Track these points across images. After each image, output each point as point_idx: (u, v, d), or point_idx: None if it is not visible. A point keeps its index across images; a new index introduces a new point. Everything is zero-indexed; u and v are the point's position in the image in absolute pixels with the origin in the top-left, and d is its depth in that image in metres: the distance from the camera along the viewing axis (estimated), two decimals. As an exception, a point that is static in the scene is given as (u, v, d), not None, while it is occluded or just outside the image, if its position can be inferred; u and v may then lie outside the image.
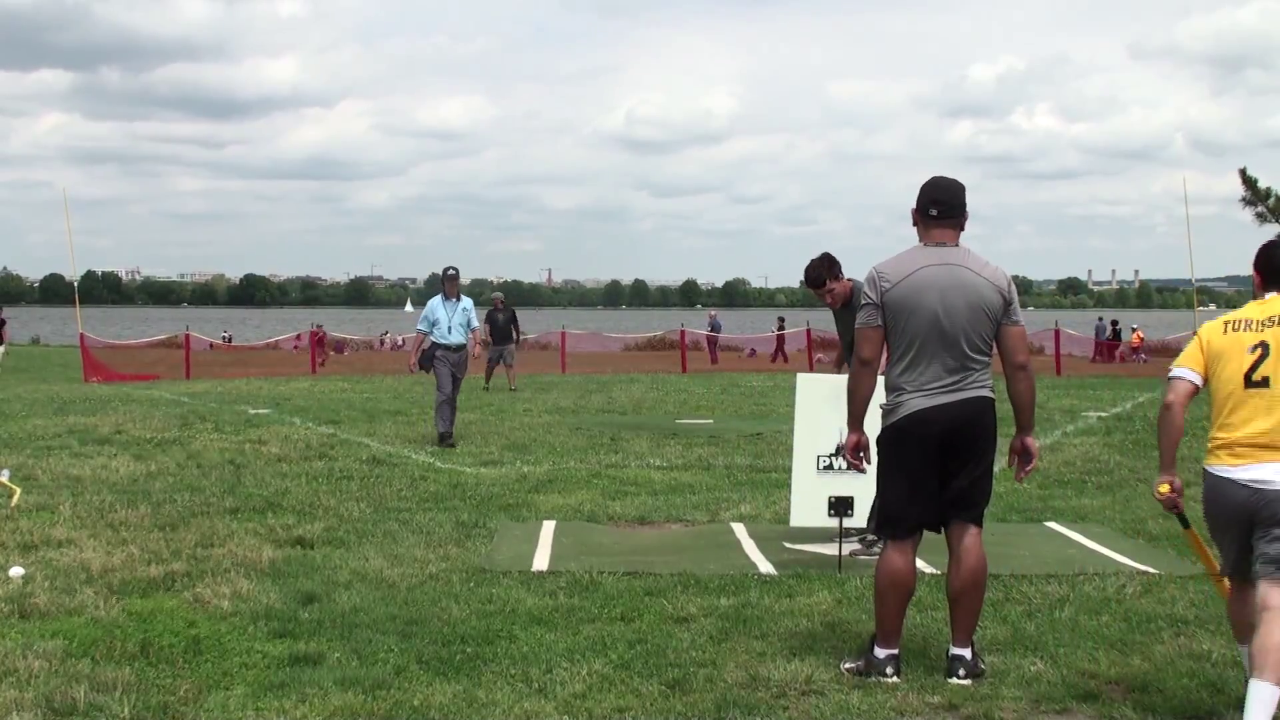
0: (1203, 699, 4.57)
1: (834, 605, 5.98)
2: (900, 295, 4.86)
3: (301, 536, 7.54)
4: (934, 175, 5.07)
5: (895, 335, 4.90)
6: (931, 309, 4.82)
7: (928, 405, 4.85)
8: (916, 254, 4.95)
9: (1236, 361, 4.33)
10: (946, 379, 4.87)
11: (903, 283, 4.87)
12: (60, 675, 4.75)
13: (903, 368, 4.90)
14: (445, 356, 12.87)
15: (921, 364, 4.86)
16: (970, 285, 4.87)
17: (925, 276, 4.86)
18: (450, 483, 10.00)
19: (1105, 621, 5.66)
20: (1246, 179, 23.24)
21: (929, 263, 4.89)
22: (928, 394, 4.85)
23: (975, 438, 4.96)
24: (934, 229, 4.97)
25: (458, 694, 4.63)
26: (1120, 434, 13.77)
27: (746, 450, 12.48)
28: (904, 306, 4.85)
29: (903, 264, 4.93)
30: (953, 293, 4.84)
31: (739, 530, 8.07)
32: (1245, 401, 4.31)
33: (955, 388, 4.88)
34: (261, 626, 5.51)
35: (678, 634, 5.45)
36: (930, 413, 4.85)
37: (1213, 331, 4.47)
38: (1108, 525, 8.22)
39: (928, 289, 4.84)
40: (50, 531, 7.56)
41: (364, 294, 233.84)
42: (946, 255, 4.92)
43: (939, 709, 4.54)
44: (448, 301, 13.02)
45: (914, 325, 4.84)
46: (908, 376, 4.89)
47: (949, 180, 5.04)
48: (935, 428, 4.86)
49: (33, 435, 13.19)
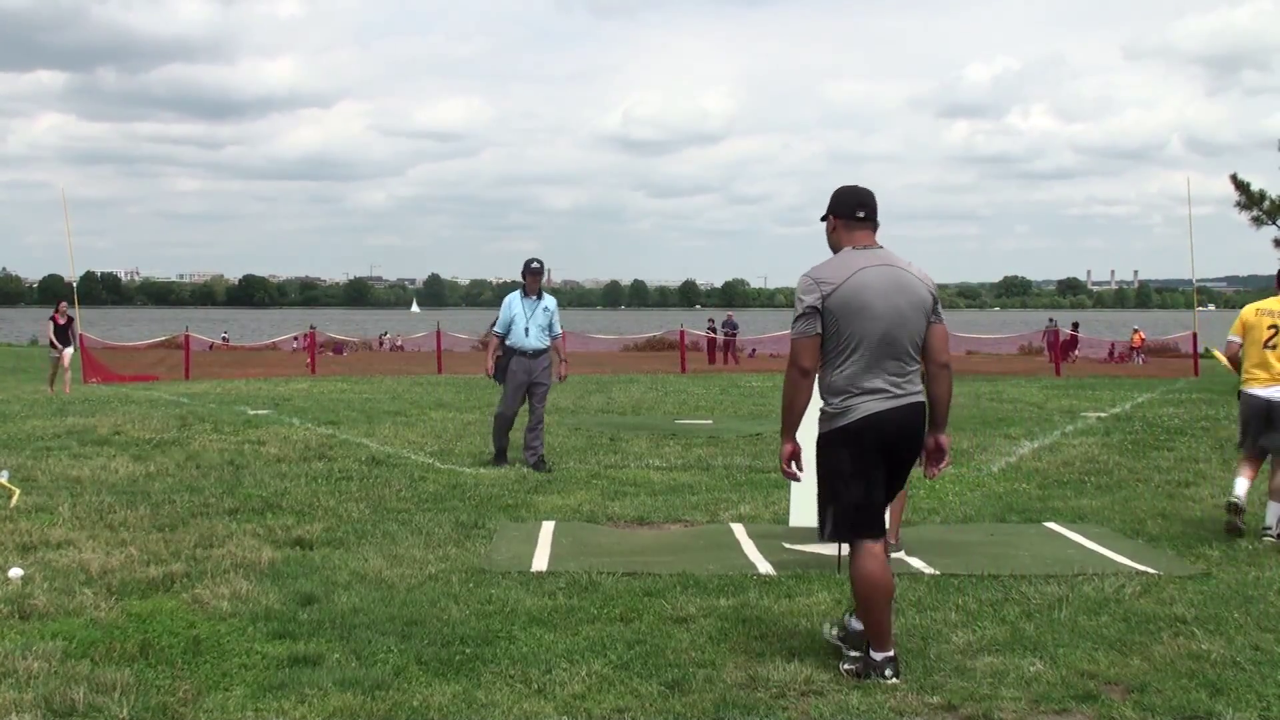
0: (1202, 699, 4.56)
1: (833, 605, 5.98)
2: (843, 298, 4.83)
3: (301, 537, 7.54)
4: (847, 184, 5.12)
5: (839, 338, 4.86)
6: (878, 310, 4.83)
7: (881, 409, 4.84)
8: (852, 256, 4.95)
9: (1258, 332, 7.71)
10: (894, 381, 4.88)
11: (844, 285, 4.84)
12: (59, 676, 4.75)
13: (850, 370, 4.86)
14: (519, 365, 11.09)
15: (869, 366, 4.84)
16: (908, 285, 4.92)
17: (867, 278, 4.86)
18: (449, 483, 10.00)
19: (1104, 622, 5.66)
20: (1239, 184, 23.29)
21: (868, 264, 4.90)
22: (880, 397, 4.85)
23: (915, 442, 5.01)
24: (858, 231, 5.01)
25: (457, 695, 4.63)
26: (1119, 434, 13.77)
27: (746, 450, 12.48)
28: (848, 308, 4.82)
29: (840, 267, 4.92)
30: (895, 293, 4.87)
31: (738, 531, 8.07)
32: (1264, 355, 7.68)
33: (902, 391, 4.89)
34: (261, 627, 5.51)
35: (677, 634, 5.45)
36: (884, 415, 4.85)
37: (1248, 313, 7.84)
38: (1107, 525, 8.22)
39: (871, 290, 4.84)
40: (49, 532, 7.56)
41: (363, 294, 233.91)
42: (882, 257, 4.96)
43: (938, 709, 4.54)
44: (527, 299, 11.28)
45: (861, 327, 4.83)
46: (857, 379, 4.85)
47: (864, 187, 5.10)
48: (886, 431, 4.86)
49: (32, 436, 13.19)
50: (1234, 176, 23.42)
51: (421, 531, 7.83)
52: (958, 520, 8.51)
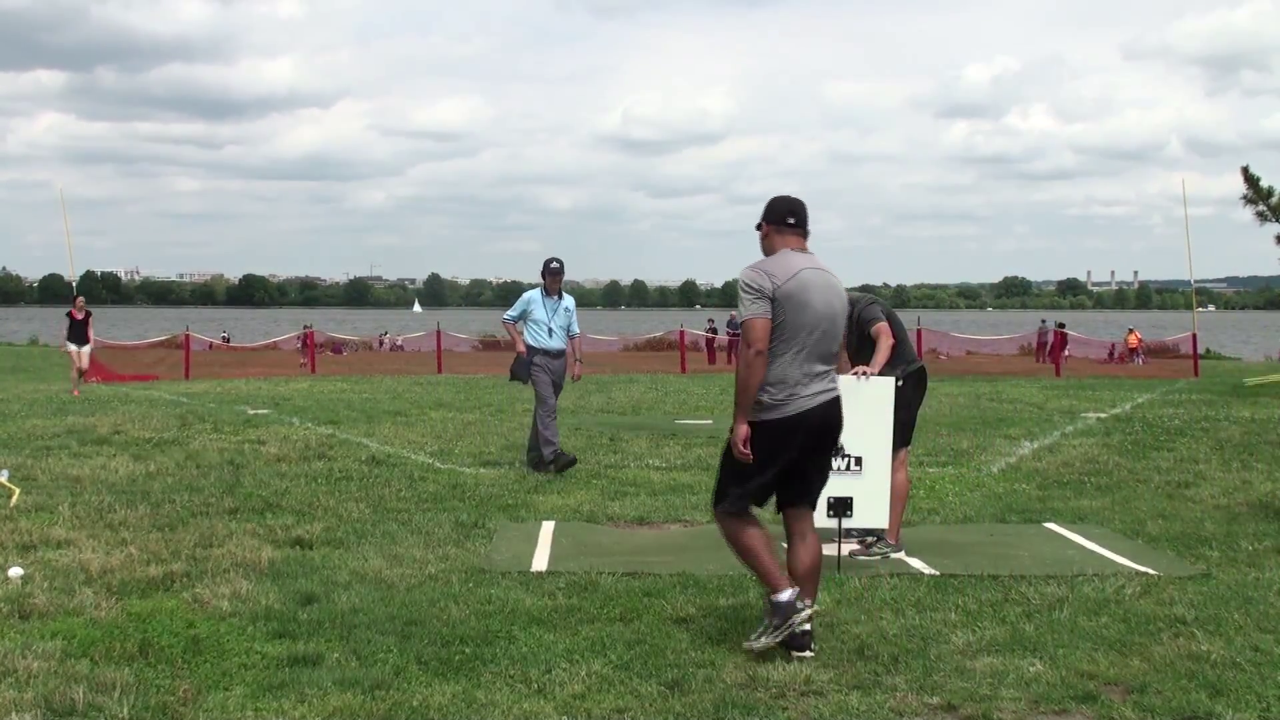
0: (1202, 700, 4.56)
1: (833, 606, 5.98)
2: (789, 293, 5.11)
3: (300, 537, 7.54)
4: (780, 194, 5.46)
5: (781, 331, 5.12)
6: (818, 308, 5.17)
7: (810, 406, 5.17)
8: (792, 257, 5.25)
9: None
10: (817, 378, 5.22)
11: (790, 281, 5.13)
12: (59, 676, 4.75)
13: (788, 363, 5.14)
14: (545, 364, 11.00)
15: (804, 361, 5.16)
16: (838, 289, 5.34)
17: (809, 277, 5.19)
18: (449, 483, 10.00)
19: (1104, 622, 5.66)
20: (1249, 177, 23.21)
21: (807, 265, 5.23)
22: (809, 394, 5.17)
23: (836, 435, 5.37)
24: (789, 237, 5.33)
25: (457, 694, 4.63)
26: (1119, 435, 13.78)
27: (746, 451, 12.47)
28: (792, 303, 5.11)
29: (785, 264, 5.20)
30: (830, 294, 5.25)
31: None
32: None
33: (829, 386, 5.27)
34: (260, 627, 5.51)
35: (677, 634, 5.45)
36: (812, 411, 5.17)
37: None
38: (1106, 526, 8.22)
39: (813, 289, 5.17)
40: (49, 532, 7.56)
41: (363, 294, 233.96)
42: (816, 260, 5.32)
43: (938, 709, 4.54)
44: (549, 299, 11.15)
45: (803, 322, 5.13)
46: (790, 372, 5.14)
47: (796, 197, 5.44)
48: (811, 426, 5.19)
49: (32, 435, 13.19)
50: (1245, 169, 23.27)
51: (421, 531, 7.84)
52: (957, 521, 8.51)
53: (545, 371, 11.01)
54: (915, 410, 7.50)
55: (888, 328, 7.15)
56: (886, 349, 7.02)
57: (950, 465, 11.34)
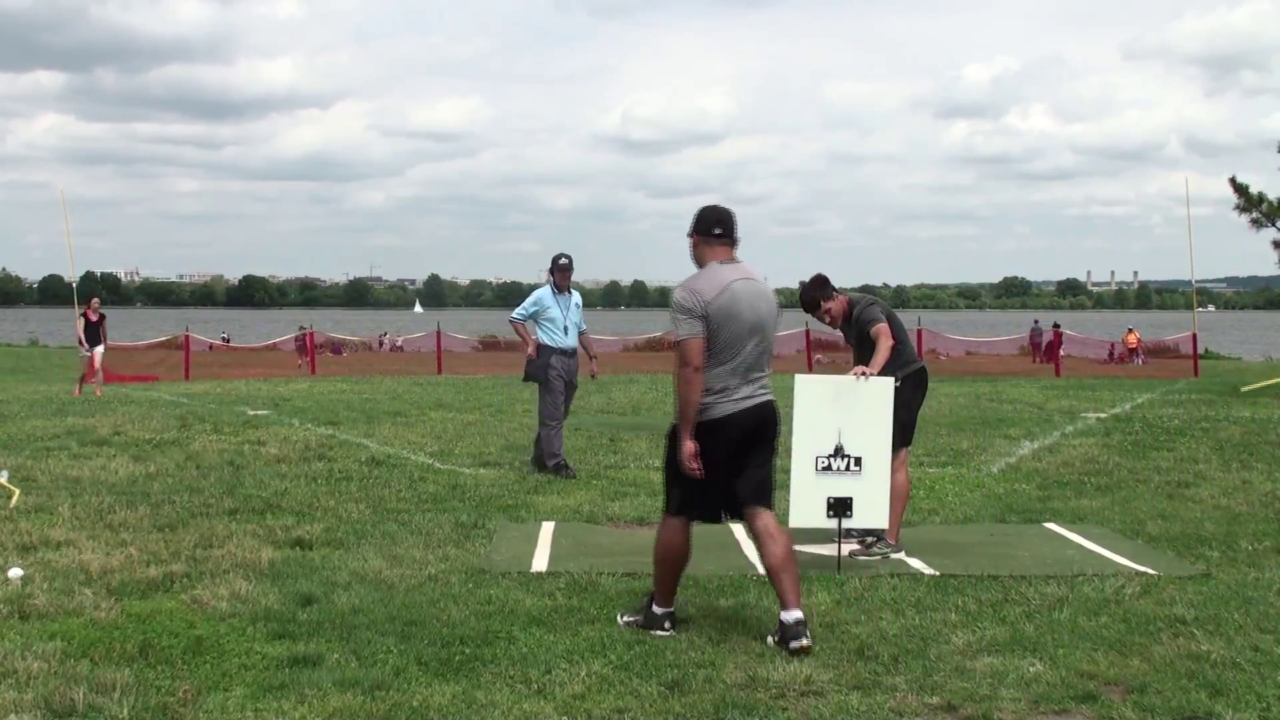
0: (1201, 700, 4.57)
1: (833, 606, 5.98)
2: (720, 307, 5.35)
3: (300, 537, 7.54)
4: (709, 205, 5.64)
5: (714, 344, 5.36)
6: (748, 318, 5.40)
7: (740, 409, 5.41)
8: (720, 270, 5.48)
9: None
10: (756, 382, 5.47)
11: (721, 295, 5.37)
12: (59, 676, 4.76)
13: (720, 372, 5.39)
14: (561, 364, 10.63)
15: (736, 370, 5.40)
16: (768, 296, 5.56)
17: (738, 289, 5.42)
18: (449, 484, 10.00)
19: (1104, 622, 5.66)
20: (1237, 186, 23.26)
21: (736, 276, 5.46)
22: (741, 398, 5.42)
23: (773, 435, 5.58)
24: (718, 247, 5.54)
25: (457, 695, 4.63)
26: (1119, 435, 13.77)
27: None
28: (724, 317, 5.35)
29: (714, 279, 5.43)
30: (760, 303, 5.48)
31: (738, 531, 8.06)
32: None
33: (761, 391, 5.50)
34: (260, 627, 5.51)
35: (676, 635, 5.45)
36: (743, 415, 5.41)
37: None
38: (1106, 526, 8.22)
39: (741, 300, 5.40)
40: (49, 532, 7.56)
41: (363, 295, 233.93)
42: (744, 270, 5.54)
43: (938, 710, 4.54)
44: (560, 296, 10.76)
45: (734, 333, 5.37)
46: (722, 381, 5.39)
47: (724, 207, 5.63)
48: (742, 428, 5.42)
49: (32, 436, 13.19)
50: (1232, 180, 23.37)
51: (421, 532, 7.84)
52: (957, 521, 8.51)
53: (561, 374, 10.65)
54: (915, 410, 7.51)
55: (888, 329, 7.15)
56: (886, 350, 7.02)
57: (950, 465, 11.34)
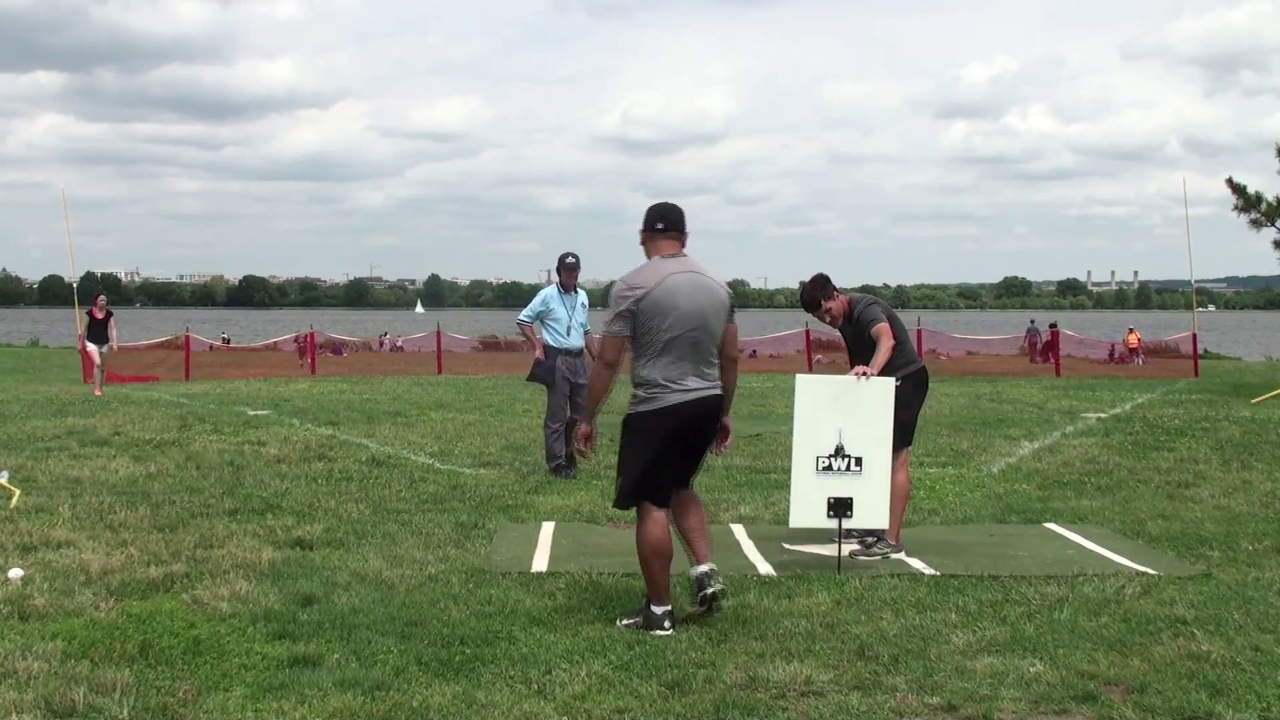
0: (1202, 700, 4.57)
1: (833, 606, 5.98)
2: (655, 300, 5.45)
3: (301, 538, 7.54)
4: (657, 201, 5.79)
5: (652, 335, 5.47)
6: (686, 310, 5.47)
7: (687, 400, 5.51)
8: (661, 263, 5.58)
9: None
10: (698, 374, 5.55)
11: (656, 289, 5.46)
12: (59, 677, 4.75)
13: (661, 364, 5.49)
14: (566, 365, 10.57)
15: (676, 360, 5.50)
16: (711, 289, 5.59)
17: (676, 282, 5.50)
18: (449, 484, 10.00)
19: (1104, 622, 5.66)
20: (1234, 187, 23.27)
21: (675, 270, 5.54)
22: (684, 390, 5.51)
23: (711, 427, 5.70)
24: (661, 241, 5.65)
25: (457, 695, 4.63)
26: (1119, 435, 13.77)
27: (745, 451, 12.47)
28: (660, 309, 5.44)
29: (651, 273, 5.55)
30: (701, 295, 5.53)
31: (738, 531, 8.07)
32: None
33: (705, 384, 5.58)
34: (261, 628, 5.51)
35: (676, 635, 5.45)
36: (689, 407, 5.52)
37: None
38: (1107, 526, 8.22)
39: (680, 293, 5.48)
40: (49, 533, 7.56)
41: (363, 295, 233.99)
42: (686, 264, 5.60)
43: (938, 710, 4.54)
44: (566, 295, 10.68)
45: (671, 325, 5.45)
46: (667, 372, 5.49)
47: (671, 203, 5.76)
48: (686, 419, 5.53)
49: (32, 437, 13.19)
50: (1229, 180, 23.39)
51: (421, 532, 7.83)
52: (958, 521, 8.51)
53: (566, 374, 10.57)
54: (916, 411, 7.50)
55: (888, 328, 7.15)
56: (886, 350, 7.02)
57: (950, 465, 11.34)
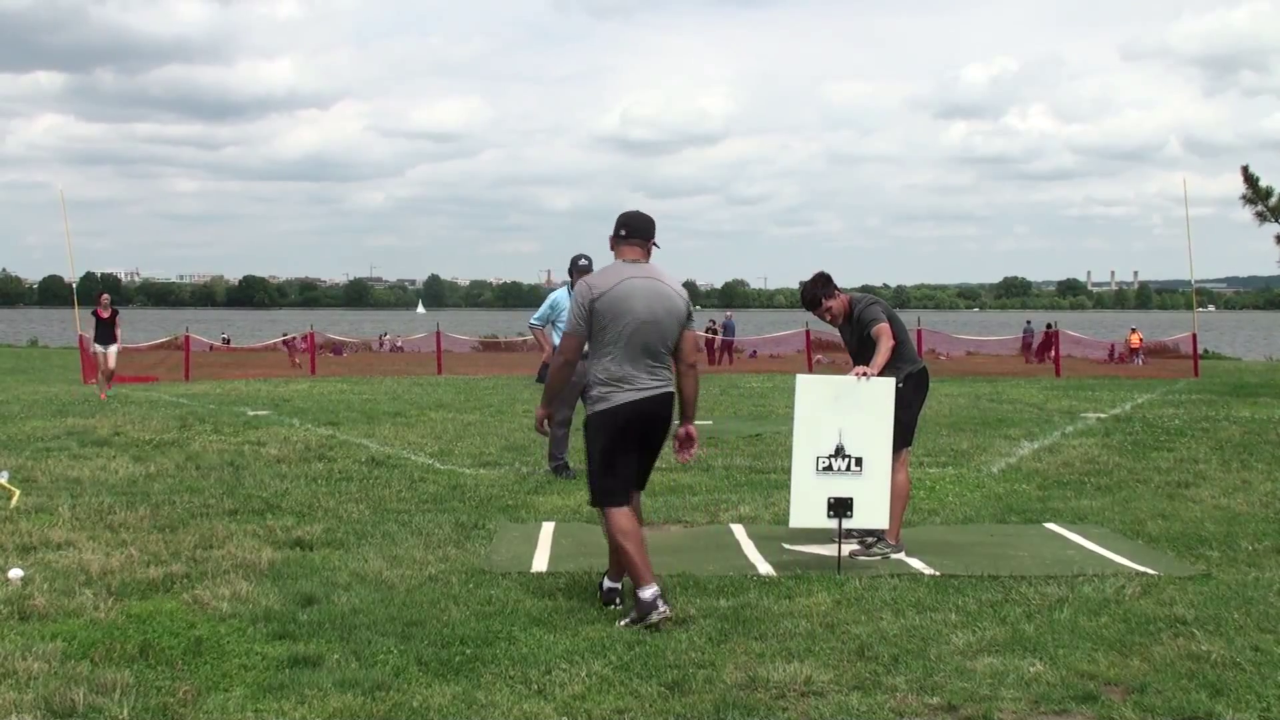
0: (1202, 700, 4.57)
1: (833, 606, 5.98)
2: (610, 301, 5.69)
3: (301, 538, 7.54)
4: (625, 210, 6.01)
5: (606, 335, 5.72)
6: (640, 312, 5.70)
7: (638, 399, 5.72)
8: (620, 268, 5.84)
9: None
10: (649, 374, 5.76)
11: (611, 291, 5.71)
12: (59, 677, 4.75)
13: (612, 363, 5.72)
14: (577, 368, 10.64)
15: (628, 360, 5.72)
16: (666, 294, 5.79)
17: (631, 286, 5.74)
18: (449, 484, 10.00)
19: (1104, 622, 5.66)
20: (1248, 177, 23.26)
21: (632, 275, 5.78)
22: (634, 389, 5.73)
23: (664, 427, 5.90)
24: (624, 247, 5.88)
25: (457, 695, 4.63)
26: (1119, 435, 13.77)
27: (746, 451, 12.48)
28: (613, 311, 5.69)
29: (609, 276, 5.80)
30: (654, 300, 5.75)
31: (738, 531, 8.07)
32: None
33: (655, 383, 5.79)
34: (261, 628, 5.51)
35: (677, 635, 5.45)
36: (641, 406, 5.73)
37: None
38: (1107, 526, 8.22)
39: (634, 296, 5.72)
40: (49, 533, 7.56)
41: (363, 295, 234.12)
42: (644, 270, 5.84)
43: (938, 710, 4.54)
44: None
45: (623, 326, 5.69)
46: (618, 372, 5.72)
47: (639, 211, 5.99)
48: (638, 417, 5.74)
49: (32, 437, 13.19)
50: (1245, 169, 23.34)
51: (421, 532, 7.84)
52: (958, 521, 8.51)
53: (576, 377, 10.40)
54: (916, 411, 7.50)
55: (888, 329, 7.15)
56: (886, 351, 7.02)
57: (950, 466, 11.34)
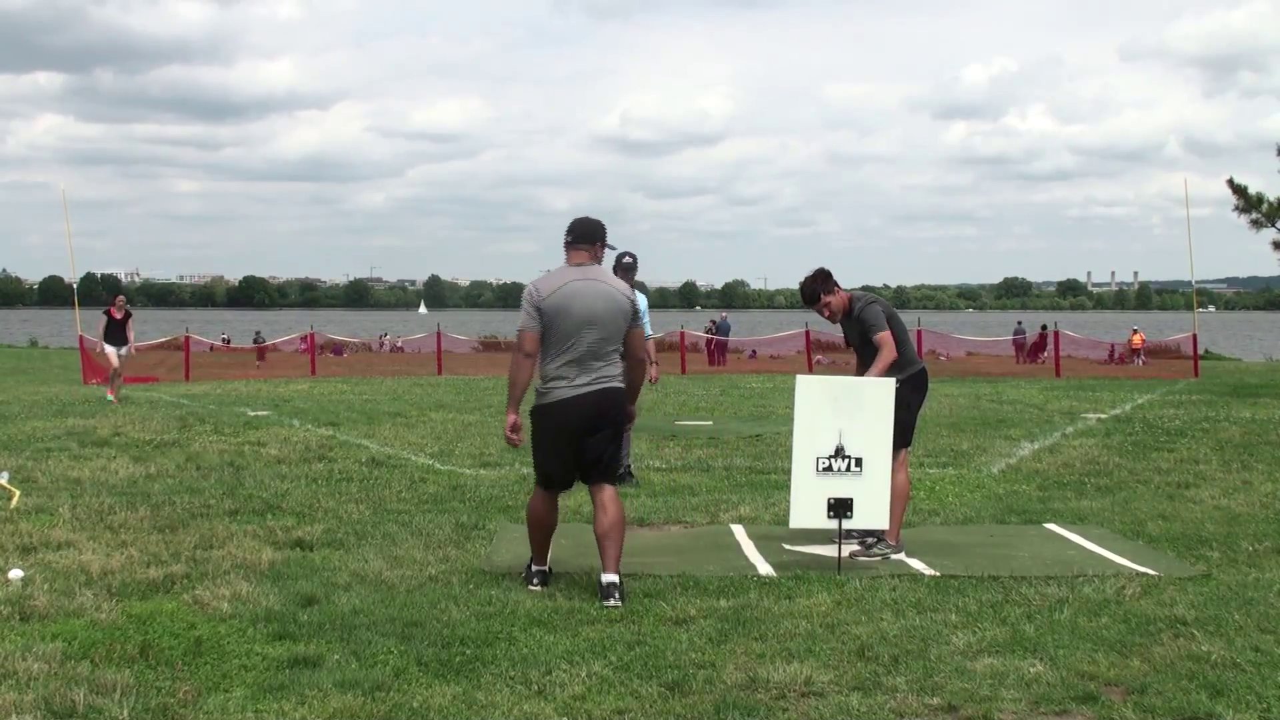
0: (1202, 701, 4.56)
1: (833, 607, 5.98)
2: (554, 303, 6.07)
3: (301, 538, 7.54)
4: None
5: (552, 335, 6.10)
6: (580, 313, 6.06)
7: (576, 395, 6.10)
8: (565, 271, 6.22)
9: None
10: (590, 371, 6.11)
11: (556, 293, 6.09)
12: (60, 677, 4.75)
13: (558, 361, 6.11)
14: None
15: (571, 359, 6.09)
16: (607, 294, 6.14)
17: (572, 289, 6.11)
18: (450, 484, 10.00)
19: (1104, 623, 5.66)
20: (1235, 187, 23.33)
21: (575, 278, 6.16)
22: (575, 385, 6.10)
23: (612, 419, 6.23)
24: (572, 251, 6.28)
25: (457, 696, 4.63)
26: (1120, 436, 13.77)
27: (746, 452, 12.48)
28: (557, 312, 6.06)
29: (555, 279, 6.18)
30: (595, 300, 6.10)
31: (738, 532, 8.07)
32: None
33: (596, 380, 6.12)
34: (261, 628, 5.51)
35: (677, 635, 5.45)
36: (576, 400, 6.09)
37: None
38: (1107, 527, 8.22)
39: (576, 298, 6.08)
40: (50, 534, 7.56)
41: (363, 295, 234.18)
42: (587, 272, 6.20)
43: (938, 710, 4.54)
44: None
45: (569, 325, 6.06)
46: (561, 369, 6.11)
47: (586, 218, 6.37)
48: (578, 411, 6.10)
49: (32, 437, 13.19)
50: (1230, 181, 23.45)
51: (422, 533, 7.84)
52: (958, 522, 8.51)
53: None
54: (916, 412, 7.50)
55: (891, 338, 7.17)
56: (886, 361, 7.09)
57: (950, 466, 11.34)
